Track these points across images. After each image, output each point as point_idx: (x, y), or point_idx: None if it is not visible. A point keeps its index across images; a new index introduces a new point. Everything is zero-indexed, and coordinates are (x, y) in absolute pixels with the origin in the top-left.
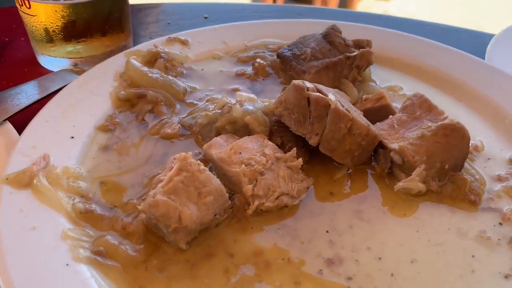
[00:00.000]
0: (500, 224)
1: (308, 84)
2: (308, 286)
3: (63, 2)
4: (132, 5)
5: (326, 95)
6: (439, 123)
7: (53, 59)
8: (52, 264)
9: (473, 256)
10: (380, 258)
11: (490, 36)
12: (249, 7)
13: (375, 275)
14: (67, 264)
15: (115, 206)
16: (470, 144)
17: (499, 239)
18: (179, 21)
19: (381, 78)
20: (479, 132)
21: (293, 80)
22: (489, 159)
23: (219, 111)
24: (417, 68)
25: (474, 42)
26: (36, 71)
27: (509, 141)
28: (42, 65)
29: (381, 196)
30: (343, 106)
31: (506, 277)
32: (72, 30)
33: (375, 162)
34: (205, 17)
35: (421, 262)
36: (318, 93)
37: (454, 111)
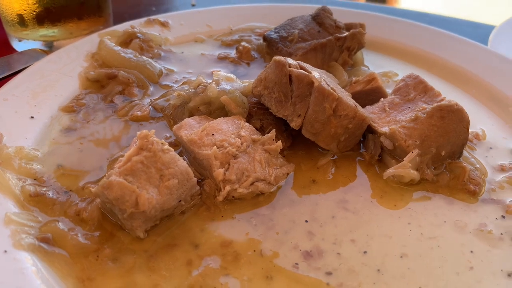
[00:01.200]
0: (503, 217)
1: (291, 61)
2: (281, 281)
3: None
4: None
5: (310, 72)
6: (435, 104)
7: (26, 43)
8: None
9: (471, 251)
10: (365, 252)
11: (493, 27)
12: None
13: (359, 270)
14: (5, 251)
15: (70, 191)
16: (470, 132)
17: (501, 234)
18: (165, 7)
19: (374, 64)
20: (480, 120)
21: (275, 56)
22: (491, 148)
23: (193, 90)
24: (414, 53)
25: (478, 33)
26: (7, 54)
27: None
28: (16, 48)
29: (369, 185)
30: (328, 85)
31: (509, 275)
32: (46, 12)
33: (363, 149)
34: (193, 5)
35: (412, 257)
36: (301, 70)
37: (454, 98)
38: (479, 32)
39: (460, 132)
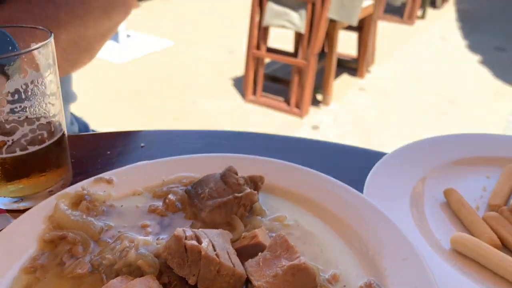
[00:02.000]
0: None
1: (188, 233)
2: None
3: (5, 156)
4: (72, 136)
5: (201, 242)
6: (290, 263)
7: None
8: None
9: None
10: None
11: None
12: (183, 133)
13: None
14: None
15: None
16: (329, 273)
17: None
18: (119, 149)
19: (272, 208)
20: (343, 261)
21: (176, 229)
22: (345, 286)
23: (118, 254)
24: (303, 197)
25: (373, 162)
26: None
27: (365, 268)
28: None
29: None
30: (214, 251)
31: None
32: (13, 174)
33: None
34: (142, 146)
35: None
36: (193, 241)
37: (327, 239)
38: (374, 161)
39: (308, 285)
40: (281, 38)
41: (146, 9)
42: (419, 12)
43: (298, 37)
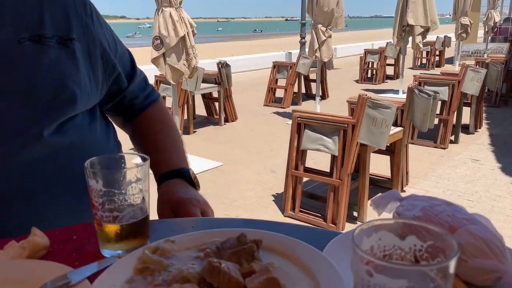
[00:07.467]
0: None
1: (216, 262)
2: None
3: (117, 224)
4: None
5: (221, 264)
6: (267, 276)
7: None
8: None
9: None
10: None
11: None
12: (226, 222)
13: None
14: None
15: None
16: None
17: None
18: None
19: (265, 258)
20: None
21: (209, 259)
22: None
23: (177, 272)
24: (286, 253)
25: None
26: None
27: None
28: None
29: None
30: (228, 269)
31: None
32: (120, 236)
33: None
34: (192, 227)
35: None
36: (217, 264)
37: (297, 277)
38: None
39: None
40: (320, 159)
41: (200, 134)
42: (452, 137)
43: (333, 158)
